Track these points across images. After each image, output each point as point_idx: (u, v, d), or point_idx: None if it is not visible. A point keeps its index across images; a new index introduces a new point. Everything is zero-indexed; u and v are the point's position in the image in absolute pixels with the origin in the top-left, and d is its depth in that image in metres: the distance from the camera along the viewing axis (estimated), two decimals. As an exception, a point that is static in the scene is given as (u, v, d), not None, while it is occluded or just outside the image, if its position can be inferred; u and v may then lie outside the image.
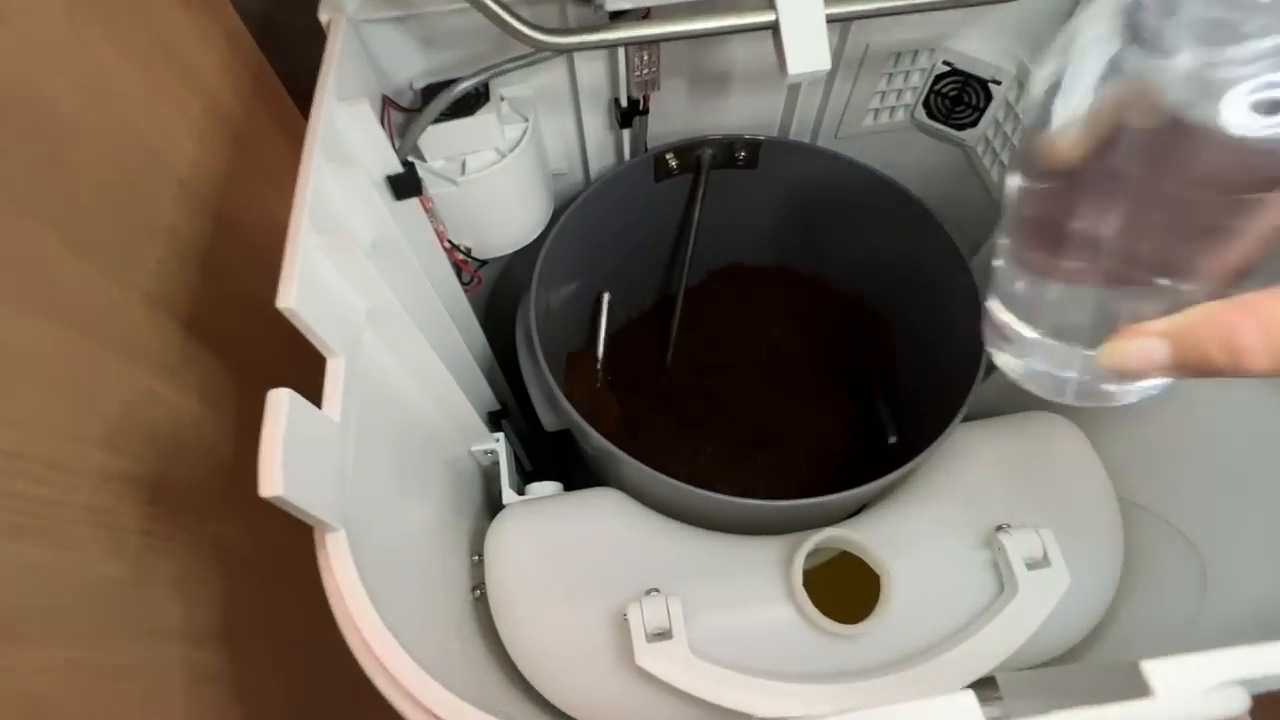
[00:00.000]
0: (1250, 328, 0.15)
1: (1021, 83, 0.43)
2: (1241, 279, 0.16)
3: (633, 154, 0.48)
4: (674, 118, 0.47)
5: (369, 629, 0.21)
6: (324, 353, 0.25)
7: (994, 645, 0.31)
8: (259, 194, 0.38)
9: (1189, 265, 0.17)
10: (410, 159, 0.34)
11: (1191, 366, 0.17)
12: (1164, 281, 0.17)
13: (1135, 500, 0.37)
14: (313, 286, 0.24)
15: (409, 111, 0.38)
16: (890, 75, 0.47)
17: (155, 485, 0.29)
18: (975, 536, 0.35)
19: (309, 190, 0.25)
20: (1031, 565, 0.33)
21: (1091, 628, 0.35)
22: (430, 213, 0.38)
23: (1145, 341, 0.17)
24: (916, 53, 0.45)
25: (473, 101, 0.39)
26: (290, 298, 0.22)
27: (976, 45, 0.44)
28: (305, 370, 0.26)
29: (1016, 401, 0.44)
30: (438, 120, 0.38)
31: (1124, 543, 0.37)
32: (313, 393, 0.24)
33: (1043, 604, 0.32)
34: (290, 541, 0.27)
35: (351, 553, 0.22)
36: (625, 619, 0.33)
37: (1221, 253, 0.16)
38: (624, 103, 0.43)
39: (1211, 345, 0.16)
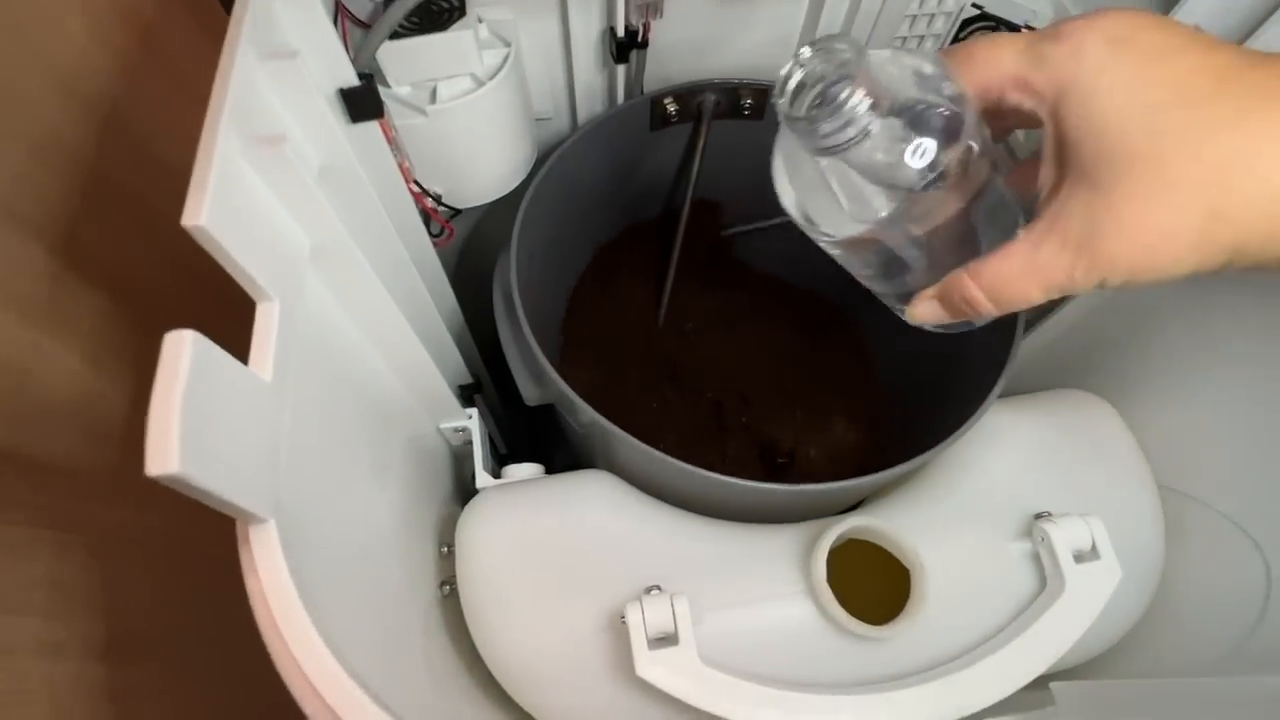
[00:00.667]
0: (974, 285, 0.21)
1: (1060, 28, 0.39)
2: (975, 250, 0.22)
3: (627, 97, 0.43)
4: (672, 58, 0.42)
5: (299, 643, 0.16)
6: (252, 294, 0.20)
7: (1041, 648, 0.28)
8: (171, 104, 0.32)
9: (947, 253, 0.23)
10: (369, 73, 0.28)
11: (955, 314, 0.23)
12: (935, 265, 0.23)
13: (1181, 489, 0.34)
14: (234, 204, 0.18)
15: (367, 27, 0.32)
16: (914, 19, 0.42)
17: (35, 464, 0.23)
18: (1011, 526, 0.32)
19: (232, 80, 0.19)
20: (1079, 558, 0.29)
21: (1131, 626, 0.32)
22: (394, 144, 0.32)
23: (927, 303, 0.23)
24: (943, -8, 0.40)
25: (446, 16, 0.33)
26: (201, 213, 0.17)
27: (1012, -17, 0.40)
28: (239, 327, 0.20)
29: (1048, 377, 0.41)
30: (404, 34, 0.32)
31: (1165, 535, 0.33)
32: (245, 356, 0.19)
33: (1094, 601, 0.28)
34: (220, 529, 0.21)
35: (283, 549, 0.17)
36: (622, 621, 0.28)
37: (956, 242, 0.22)
38: (621, 32, 0.38)
39: (957, 298, 0.22)
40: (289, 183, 0.21)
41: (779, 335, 0.48)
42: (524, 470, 0.39)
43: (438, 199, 0.38)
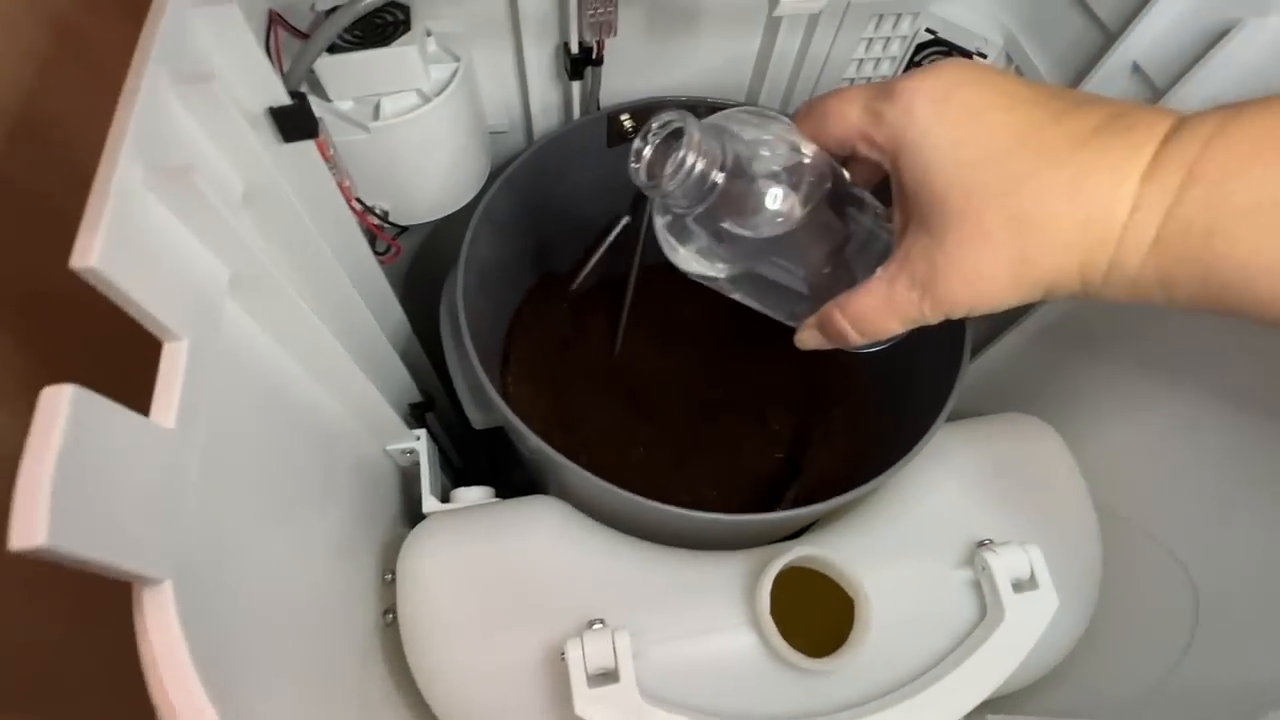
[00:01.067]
0: (841, 318, 0.23)
1: (1009, 55, 0.40)
2: (852, 281, 0.24)
3: (583, 113, 0.42)
4: (630, 74, 0.41)
5: (191, 716, 0.15)
6: (156, 333, 0.19)
7: (981, 678, 0.28)
8: (95, 108, 0.30)
9: (826, 285, 0.25)
10: (303, 91, 0.27)
11: (832, 341, 0.25)
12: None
13: (1116, 510, 0.34)
14: (133, 239, 0.17)
15: (306, 37, 0.31)
16: (869, 41, 0.42)
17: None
18: (954, 553, 0.32)
19: (136, 106, 0.18)
20: (1018, 587, 0.30)
21: (1068, 651, 0.33)
22: (333, 163, 0.31)
23: (809, 331, 0.25)
24: (899, 17, 0.41)
25: (390, 30, 0.32)
26: (91, 253, 0.16)
27: (965, 12, 0.40)
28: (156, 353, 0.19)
29: (995, 400, 0.42)
30: (345, 49, 0.31)
31: (1102, 557, 0.34)
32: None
33: (1031, 630, 0.29)
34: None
35: (182, 610, 0.16)
36: (563, 657, 0.27)
37: (832, 275, 0.25)
38: (574, 49, 0.37)
39: (830, 329, 0.24)
40: (201, 213, 0.20)
41: (741, 359, 0.48)
42: (473, 494, 0.38)
43: (384, 216, 0.37)
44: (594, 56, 0.38)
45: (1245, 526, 0.28)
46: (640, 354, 0.48)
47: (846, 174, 0.24)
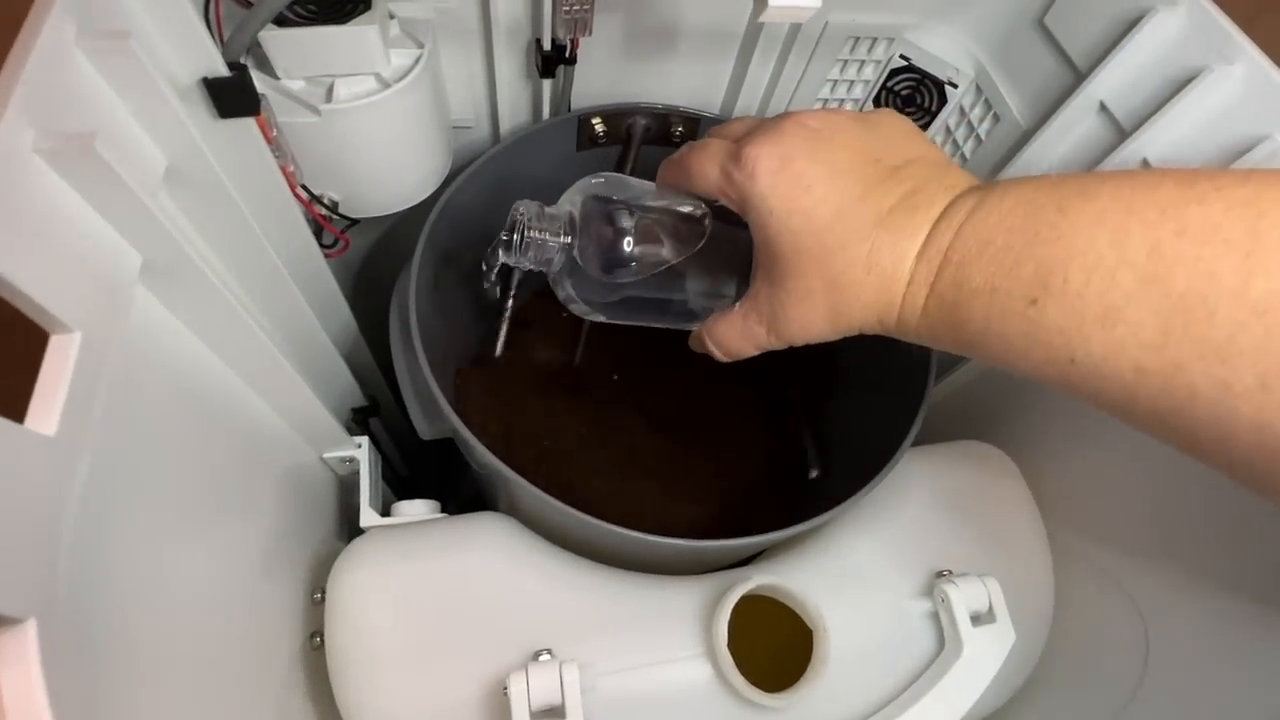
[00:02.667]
0: (708, 339, 0.28)
1: (980, 88, 0.40)
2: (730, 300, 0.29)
3: (553, 113, 0.40)
4: (603, 78, 0.40)
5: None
6: (41, 323, 0.16)
7: (938, 713, 0.27)
8: None
9: (703, 304, 0.30)
10: (243, 63, 0.25)
11: (708, 353, 0.29)
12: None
13: (1068, 541, 0.34)
14: (16, 212, 0.15)
15: (250, 5, 0.28)
16: (844, 63, 0.42)
17: None
18: (914, 583, 0.31)
19: (31, 59, 0.16)
20: (976, 619, 0.29)
21: (1021, 686, 0.33)
22: (276, 145, 0.28)
23: (693, 340, 0.30)
24: (875, 41, 0.41)
25: (349, 7, 0.30)
26: (-43, 226, 0.13)
27: (939, 42, 0.41)
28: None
29: (956, 426, 0.42)
30: (297, 23, 0.28)
31: (1055, 589, 0.34)
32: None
33: (989, 663, 0.28)
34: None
35: (43, 655, 0.13)
36: (505, 692, 0.25)
37: (707, 297, 0.30)
38: (547, 45, 0.36)
39: (701, 346, 0.29)
40: (107, 187, 0.17)
41: (704, 378, 0.47)
42: (416, 508, 0.36)
43: (333, 207, 0.34)
44: (567, 55, 0.36)
45: (1193, 561, 0.29)
46: (600, 369, 0.46)
47: (694, 209, 0.29)
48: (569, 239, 0.27)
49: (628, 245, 0.27)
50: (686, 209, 0.28)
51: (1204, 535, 0.28)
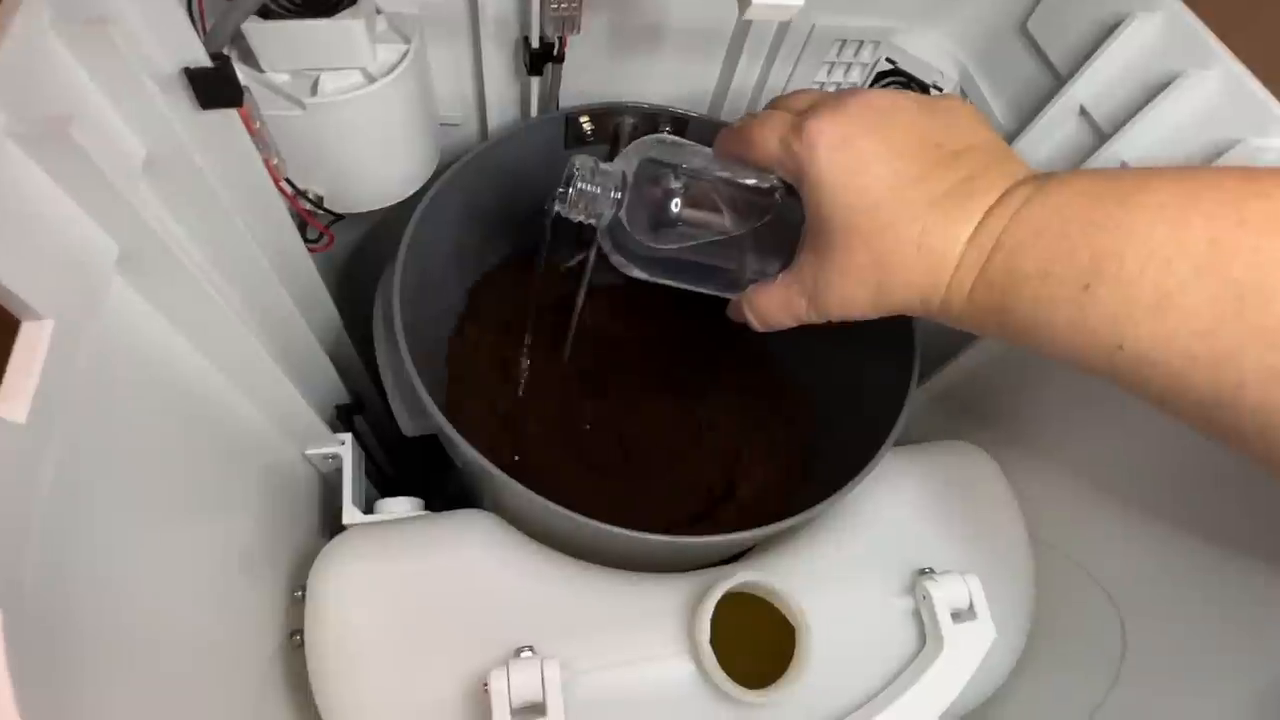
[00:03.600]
0: (748, 309, 0.28)
1: (964, 91, 0.41)
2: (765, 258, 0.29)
3: (541, 111, 0.40)
4: (591, 76, 0.40)
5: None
6: (13, 309, 0.16)
7: (920, 709, 0.27)
8: None
9: (745, 269, 0.30)
10: (225, 54, 0.24)
11: (744, 322, 0.29)
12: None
13: (1048, 540, 0.35)
14: (-13, 198, 0.14)
15: (238, -2, 0.28)
16: (832, 65, 0.43)
17: None
18: (897, 581, 0.32)
19: (5, 43, 0.15)
20: (957, 616, 0.29)
21: (1001, 682, 0.33)
22: (259, 138, 0.28)
23: (732, 307, 0.30)
24: (861, 43, 0.41)
25: (333, 1, 0.30)
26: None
27: (924, 45, 0.41)
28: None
29: (940, 425, 0.42)
30: (281, 14, 0.28)
31: (1035, 587, 0.34)
32: None
33: (970, 660, 0.28)
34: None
35: (9, 648, 0.13)
36: (485, 689, 0.25)
37: (751, 262, 0.29)
38: (535, 43, 0.36)
39: (740, 315, 0.29)
40: (84, 175, 0.17)
41: (691, 377, 0.47)
42: (399, 505, 0.35)
43: (318, 202, 0.34)
44: (555, 53, 0.36)
45: (1169, 557, 0.29)
46: (586, 368, 0.46)
47: (759, 180, 0.28)
48: (618, 194, 0.28)
49: (674, 209, 0.28)
50: (739, 179, 0.28)
51: (1180, 532, 0.29)
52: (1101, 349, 0.19)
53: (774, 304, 0.27)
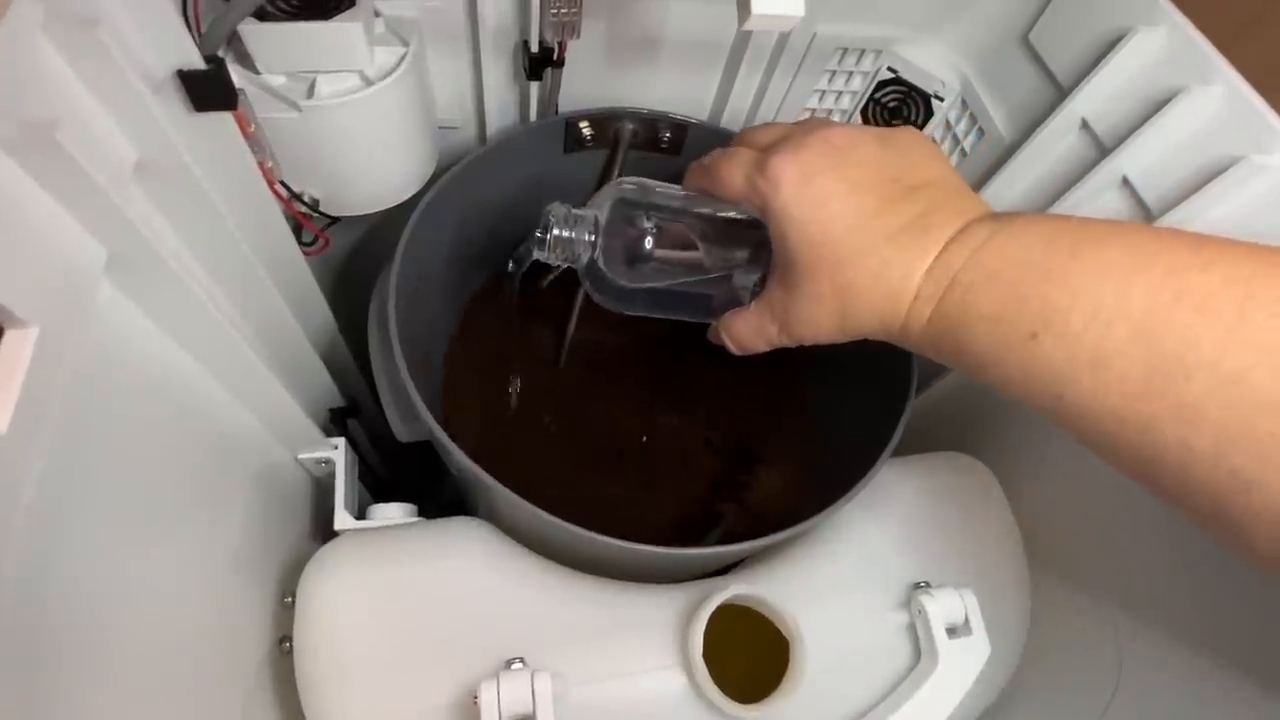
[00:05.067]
0: (724, 334, 0.30)
1: (965, 101, 0.41)
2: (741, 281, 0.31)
3: (540, 115, 0.40)
4: (591, 81, 0.40)
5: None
6: (-4, 316, 0.16)
7: (910, 728, 0.27)
8: None
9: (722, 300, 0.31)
10: (220, 56, 0.24)
11: (723, 345, 0.30)
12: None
13: (1043, 553, 0.35)
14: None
15: (234, -1, 0.28)
16: (833, 74, 0.42)
17: None
18: (891, 595, 0.31)
19: (-9, 48, 0.15)
20: (952, 632, 0.29)
21: (996, 697, 0.33)
22: (254, 141, 0.28)
23: (711, 333, 0.31)
24: (863, 53, 0.41)
25: (333, 3, 0.29)
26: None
27: (926, 55, 0.41)
28: None
29: (938, 436, 0.42)
30: (278, 16, 0.28)
31: (1031, 604, 0.34)
32: None
33: (964, 677, 0.28)
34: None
35: (-16, 662, 0.13)
36: (475, 700, 0.25)
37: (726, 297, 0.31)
38: (534, 48, 0.36)
39: (717, 340, 0.30)
40: (70, 179, 0.17)
41: (685, 387, 0.47)
42: (392, 512, 0.35)
43: (313, 205, 0.34)
44: (555, 58, 0.36)
45: (1166, 576, 0.29)
46: (582, 377, 0.46)
47: (729, 212, 0.30)
48: (593, 238, 0.30)
49: (647, 246, 0.30)
50: (709, 212, 0.30)
51: (1177, 549, 0.29)
52: (1046, 394, 0.20)
53: (748, 330, 0.28)
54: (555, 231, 0.29)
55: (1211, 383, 0.17)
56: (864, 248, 0.24)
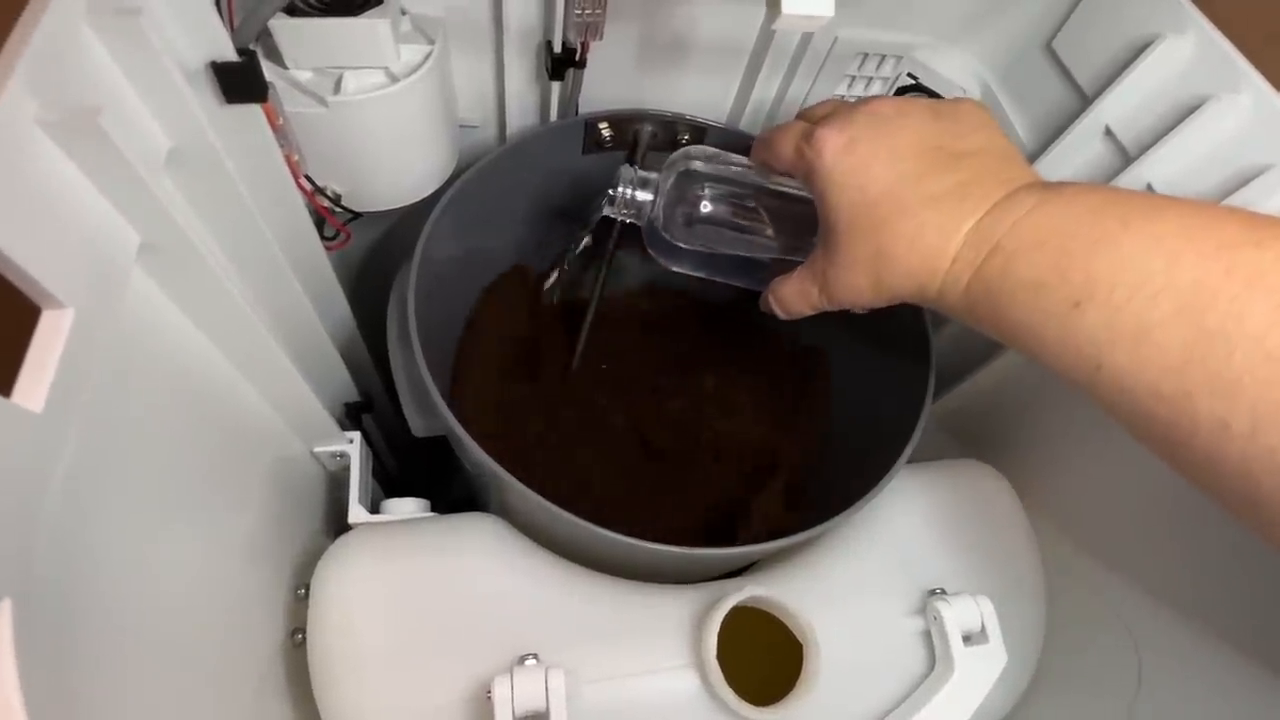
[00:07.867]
0: (772, 299, 0.30)
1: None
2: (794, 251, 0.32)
3: (561, 116, 0.40)
4: (612, 83, 0.40)
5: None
6: (35, 298, 0.16)
7: (926, 736, 0.27)
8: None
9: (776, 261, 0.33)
10: (252, 49, 0.24)
11: (771, 311, 0.31)
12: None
13: (1060, 560, 0.34)
14: (15, 184, 0.14)
15: (266, -6, 0.28)
16: (852, 79, 0.42)
17: None
18: (907, 601, 0.31)
19: (37, 31, 0.15)
20: (968, 639, 0.29)
21: (1010, 709, 0.32)
22: (281, 134, 0.28)
23: (762, 299, 0.32)
24: (883, 58, 0.41)
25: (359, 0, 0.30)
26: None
27: (947, 62, 0.41)
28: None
29: (954, 444, 0.41)
30: (307, 12, 0.28)
31: (1048, 612, 0.34)
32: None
33: (980, 685, 0.28)
34: None
35: (16, 635, 0.13)
36: (488, 696, 0.25)
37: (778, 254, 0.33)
38: (557, 48, 0.36)
39: (766, 306, 0.31)
40: (110, 166, 0.17)
41: (702, 387, 0.47)
42: (405, 506, 0.35)
43: (336, 199, 0.34)
44: (577, 59, 0.36)
45: (1185, 582, 0.28)
46: (598, 374, 0.46)
47: (783, 185, 0.32)
48: (655, 199, 0.33)
49: (703, 212, 0.32)
50: (768, 184, 0.32)
51: (1196, 556, 0.28)
52: (1083, 365, 0.20)
53: (792, 293, 0.29)
54: (623, 190, 0.32)
55: (1255, 358, 0.17)
56: (901, 211, 0.24)
